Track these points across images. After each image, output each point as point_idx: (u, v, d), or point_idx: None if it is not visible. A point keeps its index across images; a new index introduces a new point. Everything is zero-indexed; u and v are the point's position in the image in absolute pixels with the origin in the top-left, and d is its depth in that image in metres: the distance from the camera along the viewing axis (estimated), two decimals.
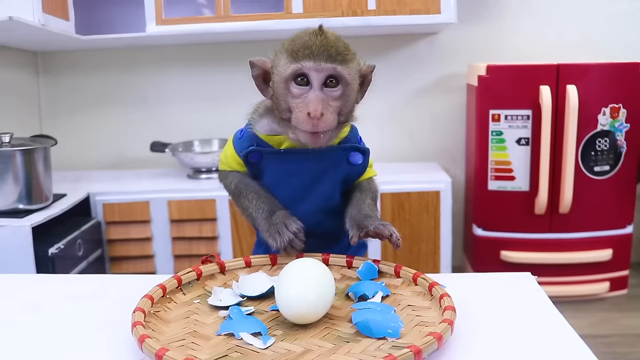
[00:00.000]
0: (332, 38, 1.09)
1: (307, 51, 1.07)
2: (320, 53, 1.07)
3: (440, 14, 2.71)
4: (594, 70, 2.71)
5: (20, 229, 2.13)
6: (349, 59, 1.11)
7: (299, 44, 1.08)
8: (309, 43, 1.07)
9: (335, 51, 1.08)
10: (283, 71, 1.10)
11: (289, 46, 1.10)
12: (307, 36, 1.09)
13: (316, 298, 0.97)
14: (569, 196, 2.72)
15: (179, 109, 3.30)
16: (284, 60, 1.10)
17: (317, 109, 1.06)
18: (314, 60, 1.07)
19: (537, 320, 1.03)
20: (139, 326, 0.91)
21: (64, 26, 2.59)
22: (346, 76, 1.10)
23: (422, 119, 3.29)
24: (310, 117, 1.06)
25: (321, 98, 1.08)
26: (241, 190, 1.27)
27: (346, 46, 1.12)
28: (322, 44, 1.07)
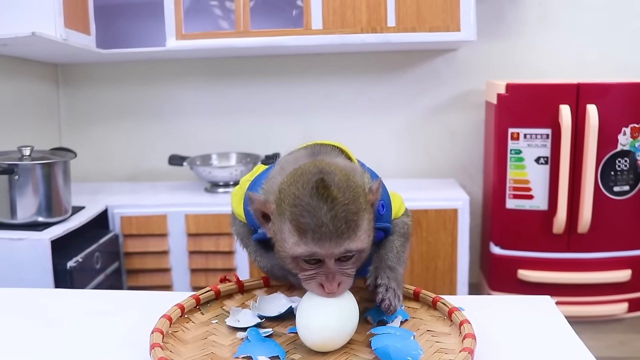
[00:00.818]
0: (341, 200, 0.94)
1: (317, 235, 0.93)
2: (331, 235, 0.93)
3: (459, 32, 2.71)
4: (614, 90, 2.69)
5: (40, 242, 2.14)
6: (360, 224, 0.97)
7: (306, 219, 0.93)
8: (317, 220, 0.93)
9: (346, 226, 0.94)
10: (290, 249, 0.97)
11: (293, 217, 0.95)
12: (312, 201, 0.93)
13: (338, 327, 0.96)
14: (587, 216, 2.70)
15: (197, 122, 3.31)
16: (290, 236, 0.96)
17: (333, 285, 0.98)
18: (326, 246, 0.94)
19: (556, 345, 1.02)
20: (157, 348, 0.91)
21: (85, 40, 2.61)
22: (360, 248, 0.98)
23: (439, 135, 3.29)
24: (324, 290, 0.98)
25: (336, 271, 0.98)
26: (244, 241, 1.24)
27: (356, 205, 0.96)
28: (332, 221, 0.93)
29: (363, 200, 0.98)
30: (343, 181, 0.95)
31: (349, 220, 0.94)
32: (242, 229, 1.24)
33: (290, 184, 0.97)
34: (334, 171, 0.97)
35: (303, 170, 0.97)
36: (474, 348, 0.91)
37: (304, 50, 3.00)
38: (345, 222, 0.93)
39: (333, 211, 0.93)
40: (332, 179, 0.95)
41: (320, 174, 0.95)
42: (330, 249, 0.94)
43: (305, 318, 0.98)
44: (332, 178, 0.95)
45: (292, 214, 0.94)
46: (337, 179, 0.95)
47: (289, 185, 0.97)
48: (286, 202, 0.96)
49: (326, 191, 0.93)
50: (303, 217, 0.93)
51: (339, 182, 0.95)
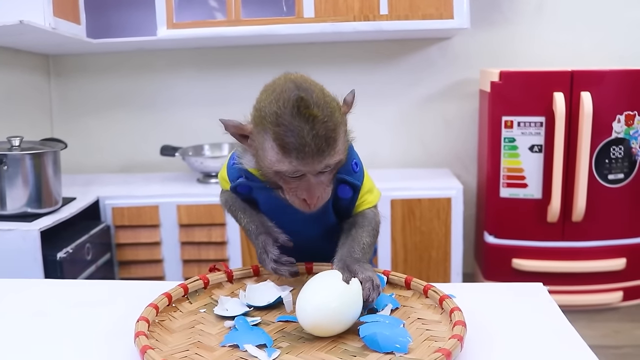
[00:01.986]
0: (320, 117, 0.99)
1: (301, 154, 0.99)
2: (314, 153, 1.00)
3: (453, 19, 2.69)
4: (608, 77, 2.67)
5: (29, 233, 2.12)
6: (338, 138, 1.04)
7: (289, 138, 0.99)
8: (300, 140, 0.99)
9: (326, 143, 1.01)
10: (274, 164, 1.04)
11: (277, 135, 1.00)
12: (294, 121, 0.99)
13: (338, 308, 0.95)
14: (582, 204, 2.69)
15: (189, 112, 3.29)
16: (274, 153, 1.02)
17: (313, 197, 1.06)
18: (310, 164, 1.01)
19: (548, 333, 1.01)
20: (142, 336, 0.90)
21: (75, 30, 2.59)
22: (339, 160, 1.07)
23: (434, 124, 3.27)
24: (307, 202, 1.06)
25: (317, 183, 1.05)
26: (231, 208, 1.27)
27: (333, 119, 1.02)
28: (314, 139, 0.99)
29: (338, 114, 1.05)
30: (320, 97, 1.02)
31: (329, 138, 1.01)
32: (228, 196, 1.29)
33: (270, 102, 1.03)
34: (310, 87, 1.03)
35: (280, 88, 1.03)
36: (463, 335, 0.90)
37: (297, 40, 2.98)
38: (326, 140, 1.00)
39: (314, 130, 0.99)
40: (310, 96, 1.00)
41: (298, 90, 1.01)
42: (313, 165, 1.02)
43: (305, 297, 0.97)
44: (310, 95, 1.00)
45: (276, 133, 1.00)
46: (315, 96, 1.01)
47: (268, 103, 1.03)
48: (268, 120, 1.02)
49: (307, 110, 0.99)
50: (287, 137, 0.99)
51: (317, 99, 1.01)
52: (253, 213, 1.22)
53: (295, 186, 1.06)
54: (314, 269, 1.21)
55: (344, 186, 1.18)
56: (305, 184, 1.05)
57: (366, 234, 1.17)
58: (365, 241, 1.15)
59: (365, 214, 1.22)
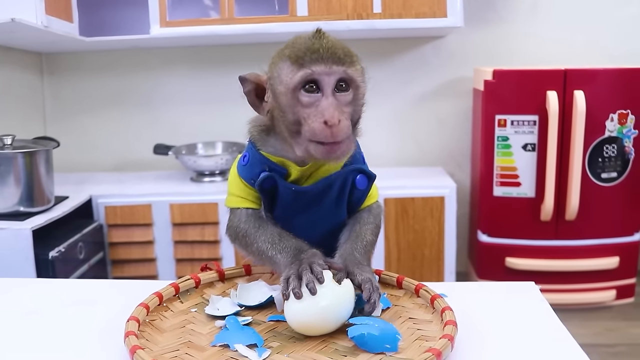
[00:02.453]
0: (335, 40, 1.01)
1: (315, 55, 0.97)
2: (329, 56, 0.98)
3: (446, 18, 2.69)
4: (602, 76, 2.68)
5: (21, 232, 2.12)
6: (355, 61, 1.02)
7: (303, 48, 0.98)
8: (314, 46, 0.98)
9: (343, 53, 0.99)
10: (289, 79, 0.99)
11: (291, 52, 0.99)
12: (309, 40, 1.00)
13: (328, 307, 0.93)
14: (575, 203, 2.69)
15: (182, 111, 3.28)
16: (288, 68, 1.00)
17: (333, 116, 0.97)
18: (324, 63, 0.98)
19: (539, 332, 1.01)
20: (132, 336, 0.90)
21: (67, 28, 2.58)
22: (357, 78, 1.02)
23: (427, 123, 3.27)
24: (328, 125, 0.97)
25: (335, 104, 0.99)
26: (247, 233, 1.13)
27: (349, 49, 1.03)
28: (328, 46, 0.98)
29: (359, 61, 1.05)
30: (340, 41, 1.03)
31: (345, 49, 1.01)
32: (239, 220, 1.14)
33: (286, 43, 1.04)
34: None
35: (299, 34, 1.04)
36: (454, 335, 0.90)
37: (290, 38, 2.97)
38: (343, 50, 1.00)
39: (330, 42, 0.99)
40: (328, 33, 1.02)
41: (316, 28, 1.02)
42: (329, 65, 0.98)
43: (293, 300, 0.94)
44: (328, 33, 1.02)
45: (290, 51, 1.00)
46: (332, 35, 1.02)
47: (285, 45, 1.04)
48: (284, 50, 1.02)
49: (324, 34, 1.00)
50: (301, 50, 0.98)
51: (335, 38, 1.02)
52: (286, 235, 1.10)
53: (314, 110, 0.99)
54: None
55: (361, 176, 1.14)
56: (324, 103, 0.98)
57: (370, 232, 1.15)
58: (368, 239, 1.13)
59: (372, 209, 1.20)
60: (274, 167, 1.10)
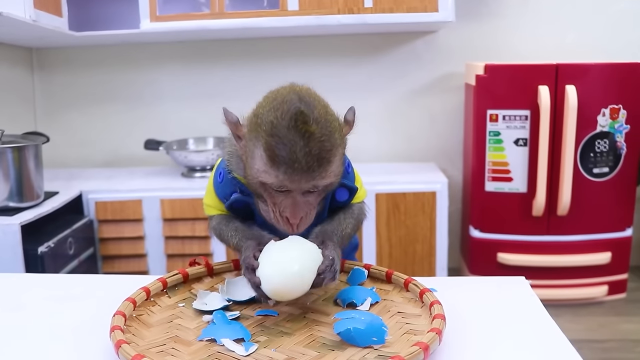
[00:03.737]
0: (317, 135, 0.94)
1: (290, 169, 0.94)
2: (303, 172, 0.95)
3: (437, 12, 2.68)
4: (593, 71, 2.67)
5: (9, 227, 2.10)
6: (332, 160, 0.98)
7: (280, 150, 0.94)
8: (291, 156, 0.93)
9: (318, 163, 0.95)
10: (260, 174, 0.98)
11: (268, 145, 0.95)
12: (289, 134, 0.94)
13: (298, 270, 0.96)
14: (567, 198, 2.69)
15: (173, 106, 3.27)
16: (262, 163, 0.97)
17: (296, 218, 1.00)
18: (297, 181, 0.96)
19: (528, 326, 1.01)
20: (117, 331, 0.89)
21: (56, 22, 2.56)
22: (330, 182, 1.01)
23: (419, 118, 3.26)
24: (289, 222, 1.01)
25: (302, 203, 1.00)
26: (221, 233, 1.19)
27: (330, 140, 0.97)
28: (305, 157, 0.93)
29: (338, 135, 1.00)
30: (322, 115, 0.97)
31: (322, 158, 0.95)
32: (216, 221, 1.21)
33: (268, 110, 0.98)
34: (313, 102, 0.98)
35: (282, 98, 0.98)
36: (442, 329, 0.89)
37: (281, 33, 2.96)
38: (318, 160, 0.95)
39: (307, 147, 0.94)
40: (311, 111, 0.95)
41: (299, 103, 0.95)
42: (300, 184, 0.97)
43: (265, 264, 0.98)
44: (311, 110, 0.95)
45: (267, 144, 0.95)
46: (317, 112, 0.96)
47: (267, 111, 0.98)
48: (262, 128, 0.97)
49: (304, 126, 0.94)
50: (278, 149, 0.94)
51: (317, 115, 0.96)
52: (245, 229, 1.15)
53: (280, 202, 1.00)
54: None
55: (342, 189, 1.15)
56: (290, 201, 0.99)
57: (348, 222, 1.16)
58: (347, 228, 1.14)
59: (353, 206, 1.20)
60: (245, 190, 1.13)
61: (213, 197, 1.21)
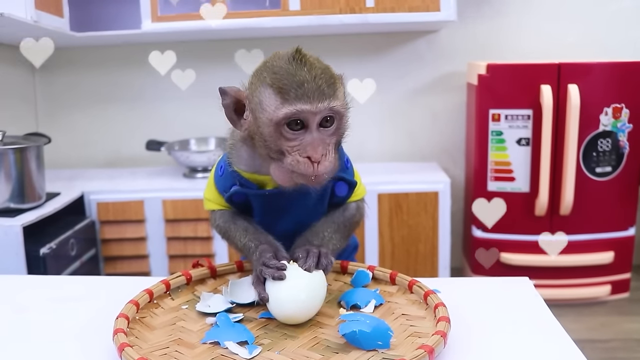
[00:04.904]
0: (318, 65, 0.98)
1: (300, 91, 0.95)
2: (314, 91, 0.95)
3: (439, 12, 2.67)
4: (596, 70, 2.66)
5: (11, 229, 2.10)
6: (338, 88, 1.00)
7: (287, 80, 0.95)
8: (299, 78, 0.95)
9: (327, 84, 0.97)
10: (272, 113, 0.97)
11: (274, 80, 0.97)
12: (290, 65, 0.96)
13: (306, 299, 0.97)
14: (569, 198, 2.68)
15: (175, 107, 3.26)
16: (271, 98, 0.97)
17: (318, 152, 0.97)
18: (310, 102, 0.95)
19: (533, 327, 1.01)
20: (121, 334, 0.89)
21: (58, 23, 2.56)
22: (341, 111, 1.01)
23: (421, 118, 3.26)
24: (312, 161, 0.97)
25: (320, 139, 0.98)
26: (225, 229, 1.18)
27: (331, 71, 1.01)
28: (313, 80, 0.95)
29: (340, 82, 1.03)
30: (316, 58, 1.00)
31: (328, 79, 0.98)
32: (219, 217, 1.21)
33: (265, 62, 1.01)
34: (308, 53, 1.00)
35: (276, 53, 1.01)
36: (447, 331, 0.89)
37: (283, 33, 2.95)
38: (326, 81, 0.97)
39: (313, 72, 0.96)
40: (307, 52, 0.99)
41: (295, 49, 0.99)
42: (315, 103, 0.96)
43: (275, 291, 0.98)
44: (307, 52, 0.99)
45: (273, 79, 0.97)
46: (310, 54, 0.99)
47: (264, 63, 1.01)
48: (264, 75, 0.99)
49: (304, 58, 0.97)
50: (285, 79, 0.95)
51: (314, 57, 1.00)
52: (256, 231, 1.14)
53: (298, 144, 0.98)
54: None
55: (341, 183, 1.16)
56: (308, 139, 0.98)
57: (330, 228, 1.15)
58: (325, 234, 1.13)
59: (348, 207, 1.20)
60: (244, 183, 1.13)
61: (213, 191, 1.21)
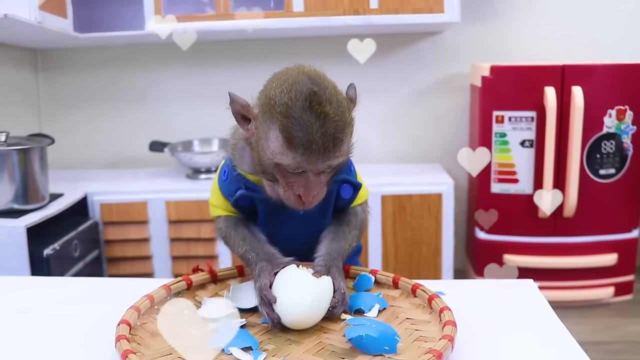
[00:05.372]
0: (332, 116, 0.96)
1: (308, 151, 0.95)
2: (320, 153, 0.96)
3: (443, 13, 2.67)
4: (599, 71, 2.66)
5: (15, 230, 2.10)
6: (345, 141, 1.00)
7: (297, 133, 0.95)
8: (309, 137, 0.94)
9: (334, 144, 0.97)
10: (276, 156, 0.99)
11: (284, 127, 0.95)
12: (304, 115, 0.95)
13: (312, 303, 0.97)
14: (573, 199, 2.68)
15: (178, 107, 3.26)
16: (278, 144, 0.98)
17: (309, 196, 1.01)
18: (314, 162, 0.97)
19: (538, 330, 1.01)
20: (123, 340, 0.88)
21: (61, 24, 2.56)
22: (342, 160, 1.03)
23: (425, 119, 3.25)
24: (302, 200, 1.02)
25: (315, 183, 1.01)
26: (227, 236, 1.19)
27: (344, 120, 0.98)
28: (321, 137, 0.95)
29: (348, 114, 1.01)
30: (332, 95, 0.98)
31: (336, 138, 0.97)
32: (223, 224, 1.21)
33: (281, 91, 0.98)
34: (324, 83, 0.99)
35: (293, 79, 0.99)
36: (454, 335, 0.89)
37: (286, 34, 2.95)
38: (333, 140, 0.97)
39: (324, 128, 0.95)
40: (323, 92, 0.96)
41: (311, 84, 0.97)
42: (317, 164, 0.98)
43: (281, 296, 0.98)
44: (323, 91, 0.97)
45: (284, 125, 0.96)
46: (328, 92, 0.97)
47: (279, 92, 0.98)
48: (277, 110, 0.97)
49: (319, 107, 0.95)
50: (295, 131, 0.95)
51: (329, 95, 0.97)
52: (254, 240, 1.15)
53: (293, 182, 1.01)
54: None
55: (347, 186, 1.17)
56: (303, 181, 1.00)
57: (352, 237, 1.17)
58: (350, 244, 1.15)
59: (357, 212, 1.22)
60: (250, 186, 1.14)
61: (218, 196, 1.21)
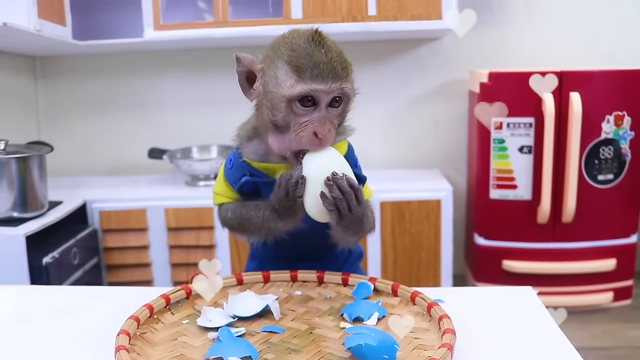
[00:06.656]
0: (334, 48, 1.03)
1: (316, 71, 1.00)
2: (329, 73, 1.00)
3: (441, 20, 2.67)
4: (598, 77, 2.67)
5: (14, 238, 2.10)
6: (350, 72, 1.06)
7: (304, 59, 1.00)
8: (315, 59, 1.00)
9: (341, 66, 1.02)
10: (286, 89, 1.02)
11: (291, 58, 1.01)
12: (309, 46, 1.01)
13: None
14: (572, 205, 2.68)
15: (177, 115, 3.26)
16: (287, 75, 1.02)
17: (325, 129, 1.02)
18: (324, 82, 1.00)
19: (537, 337, 1.01)
20: (123, 351, 0.88)
21: (60, 32, 2.56)
22: (350, 93, 1.06)
23: (423, 125, 3.26)
24: (317, 136, 1.02)
25: (328, 117, 1.04)
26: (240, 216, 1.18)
27: (345, 56, 1.05)
28: (329, 61, 1.01)
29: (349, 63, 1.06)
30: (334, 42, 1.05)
31: (343, 62, 1.03)
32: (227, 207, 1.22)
33: (284, 38, 1.06)
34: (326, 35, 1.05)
35: (294, 32, 1.06)
36: (453, 344, 0.89)
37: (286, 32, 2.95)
38: (340, 64, 1.02)
39: (329, 54, 1.01)
40: (325, 34, 1.04)
41: (314, 29, 1.04)
42: (329, 84, 1.01)
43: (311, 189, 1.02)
44: (325, 34, 1.04)
45: (290, 57, 1.01)
46: (329, 38, 1.05)
47: (283, 38, 1.06)
48: (282, 49, 1.03)
49: (322, 40, 1.02)
50: (302, 59, 1.00)
51: (330, 39, 1.05)
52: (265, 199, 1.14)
53: (306, 120, 1.03)
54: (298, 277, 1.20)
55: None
56: (316, 115, 1.03)
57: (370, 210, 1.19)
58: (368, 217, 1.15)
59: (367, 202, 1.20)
60: (255, 172, 1.15)
61: (222, 185, 1.23)
